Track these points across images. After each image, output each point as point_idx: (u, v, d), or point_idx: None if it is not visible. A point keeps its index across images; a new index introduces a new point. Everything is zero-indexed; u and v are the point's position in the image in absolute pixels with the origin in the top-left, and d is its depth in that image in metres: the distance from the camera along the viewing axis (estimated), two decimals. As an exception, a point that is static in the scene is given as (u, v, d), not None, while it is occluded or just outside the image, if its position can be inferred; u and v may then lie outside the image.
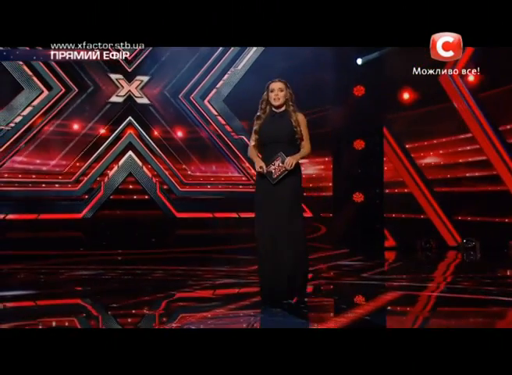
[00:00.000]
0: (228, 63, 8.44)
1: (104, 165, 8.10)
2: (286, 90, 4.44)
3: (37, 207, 7.67)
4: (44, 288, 5.33)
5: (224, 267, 6.67)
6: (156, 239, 8.07)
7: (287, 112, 4.44)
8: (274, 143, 4.37)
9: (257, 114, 4.51)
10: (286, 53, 8.10)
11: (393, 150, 8.65)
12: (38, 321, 3.93)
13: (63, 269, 6.45)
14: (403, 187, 8.75)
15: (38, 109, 7.72)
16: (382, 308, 4.28)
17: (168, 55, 8.17)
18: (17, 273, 6.22)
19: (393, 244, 8.57)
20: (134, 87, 8.14)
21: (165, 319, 4.24)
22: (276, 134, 4.38)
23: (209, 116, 8.45)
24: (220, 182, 8.59)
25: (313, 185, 8.92)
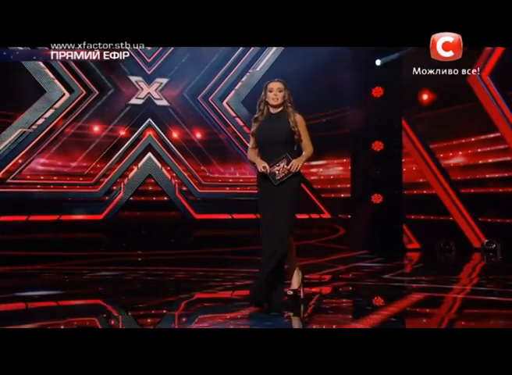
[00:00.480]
0: (246, 65, 8.46)
1: (124, 166, 8.15)
2: (284, 90, 4.38)
3: (59, 208, 7.74)
4: (69, 288, 5.40)
5: (244, 268, 6.65)
6: (175, 240, 8.11)
7: (285, 112, 4.37)
8: (271, 144, 4.32)
9: (255, 116, 4.45)
10: (304, 55, 8.12)
11: (417, 150, 8.64)
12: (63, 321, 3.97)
13: (86, 269, 6.54)
14: (423, 189, 8.73)
15: (60, 112, 7.79)
16: (408, 310, 4.26)
17: (188, 57, 8.21)
18: (41, 274, 6.29)
19: (415, 246, 8.55)
20: (154, 89, 8.18)
21: (184, 320, 4.26)
22: (274, 136, 4.32)
23: (228, 118, 8.49)
24: (238, 183, 8.62)
25: (331, 186, 8.92)
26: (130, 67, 8.08)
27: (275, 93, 4.34)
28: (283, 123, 4.33)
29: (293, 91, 8.00)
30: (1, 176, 7.52)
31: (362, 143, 8.64)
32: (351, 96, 8.54)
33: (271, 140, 4.32)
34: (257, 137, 4.38)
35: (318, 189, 8.88)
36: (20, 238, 7.51)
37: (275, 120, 4.35)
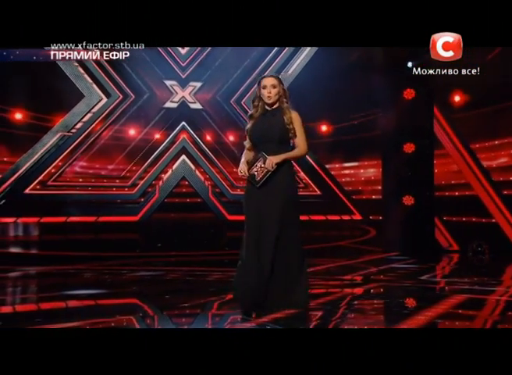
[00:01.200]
0: (278, 68, 8.59)
1: (159, 169, 8.37)
2: (279, 86, 4.19)
3: (97, 210, 7.99)
4: (111, 288, 5.57)
5: None
6: (208, 241, 8.29)
7: (280, 109, 4.19)
8: (265, 142, 4.16)
9: (250, 113, 4.30)
10: (336, 57, 8.24)
11: (458, 151, 8.64)
12: (103, 320, 4.09)
13: (125, 269, 6.73)
14: (464, 190, 8.72)
15: (98, 115, 8.06)
16: (451, 311, 4.26)
17: (220, 61, 8.40)
18: (82, 273, 6.51)
19: (453, 248, 8.56)
20: (188, 93, 8.39)
21: (217, 320, 4.36)
22: (267, 133, 4.16)
23: None
24: None
25: (362, 188, 9.03)
26: (165, 71, 8.29)
27: (269, 90, 4.14)
28: (278, 121, 4.17)
29: (324, 94, 8.26)
30: (43, 179, 7.80)
31: (393, 145, 8.68)
32: (383, 98, 8.59)
33: (264, 137, 4.17)
34: (251, 134, 4.23)
35: (350, 191, 8.99)
36: (60, 239, 7.79)
37: (269, 117, 4.20)
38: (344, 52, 8.30)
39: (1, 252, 7.57)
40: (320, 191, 8.89)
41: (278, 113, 4.18)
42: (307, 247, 8.07)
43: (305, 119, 8.65)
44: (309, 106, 8.32)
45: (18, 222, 7.73)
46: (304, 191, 8.81)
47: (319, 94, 8.24)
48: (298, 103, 8.27)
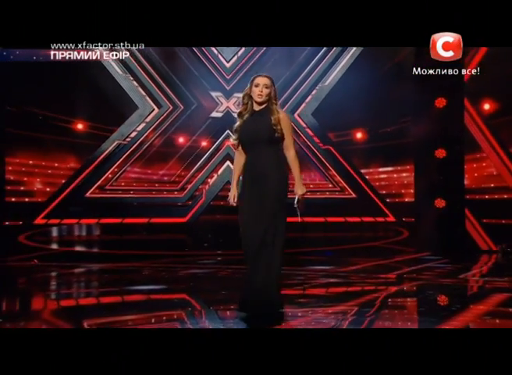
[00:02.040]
0: (316, 79, 8.99)
1: (206, 174, 8.86)
2: (271, 87, 4.11)
3: (149, 212, 8.54)
4: (169, 283, 5.99)
5: (321, 267, 7.13)
6: None
7: (269, 109, 4.09)
8: (254, 143, 4.09)
9: (239, 110, 4.21)
10: (370, 68, 8.62)
11: (497, 155, 8.84)
12: (156, 314, 4.39)
13: (178, 267, 7.23)
14: (503, 193, 8.89)
15: (150, 125, 8.61)
16: (497, 309, 4.37)
17: (262, 74, 8.88)
18: (141, 271, 6.96)
19: (488, 249, 8.76)
20: (232, 104, 8.85)
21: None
22: (256, 134, 4.07)
23: (299, 129, 9.03)
24: (309, 189, 9.16)
25: (395, 191, 9.32)
26: (211, 83, 8.78)
27: (261, 89, 4.07)
28: (265, 121, 4.07)
29: (359, 103, 8.68)
30: (101, 184, 8.41)
31: (425, 150, 8.95)
32: (415, 107, 8.90)
33: (253, 138, 4.09)
34: (239, 135, 4.15)
35: (383, 194, 9.29)
36: (116, 238, 8.40)
37: (257, 118, 4.11)
38: (379, 62, 8.67)
39: (66, 251, 8.24)
40: (355, 195, 9.19)
41: (266, 114, 4.10)
42: (343, 247, 8.56)
43: (342, 127, 9.10)
44: (346, 114, 8.86)
45: (80, 223, 8.41)
46: (340, 194, 9.16)
47: (355, 103, 8.58)
48: (336, 111, 8.78)
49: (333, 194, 9.10)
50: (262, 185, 4.05)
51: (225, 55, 8.83)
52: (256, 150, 4.09)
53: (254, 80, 4.12)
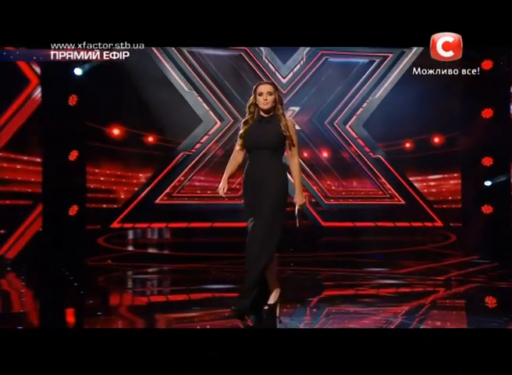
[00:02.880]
0: (367, 93, 9.42)
1: None
2: (274, 93, 4.07)
3: (212, 217, 9.11)
4: (232, 283, 6.38)
5: (375, 269, 7.49)
6: (306, 244, 9.00)
7: (276, 116, 4.08)
8: (259, 149, 4.06)
9: (245, 119, 4.19)
10: (418, 81, 8.73)
11: None
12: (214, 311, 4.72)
13: (240, 268, 7.71)
14: None
15: (213, 137, 9.18)
16: None
17: (316, 88, 9.29)
18: (207, 271, 7.46)
19: None
20: (288, 116, 9.39)
21: (315, 310, 4.95)
22: (262, 140, 4.03)
23: (350, 139, 9.50)
24: (359, 196, 9.60)
25: (443, 198, 9.63)
26: None
27: (265, 97, 4.05)
28: (274, 128, 4.05)
29: (408, 115, 9.11)
30: (169, 191, 9.04)
31: (473, 159, 9.19)
32: (462, 118, 9.19)
33: (259, 144, 4.05)
34: (245, 140, 4.12)
35: (431, 200, 9.63)
36: (183, 241, 9.05)
37: (265, 125, 4.07)
38: (426, 78, 9.04)
39: (139, 252, 8.94)
40: (404, 201, 9.57)
41: (273, 120, 4.10)
42: (393, 250, 8.90)
43: (391, 137, 9.52)
44: (395, 125, 9.20)
45: (151, 227, 9.11)
46: (389, 200, 9.55)
47: (404, 115, 8.98)
48: (385, 122, 9.18)
49: (383, 201, 9.51)
50: (263, 187, 4.07)
51: (281, 72, 9.33)
52: (260, 155, 4.06)
53: (257, 89, 4.11)
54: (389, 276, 6.88)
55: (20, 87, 7.84)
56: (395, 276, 6.80)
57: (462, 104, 9.16)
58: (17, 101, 7.85)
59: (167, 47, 8.65)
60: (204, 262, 8.15)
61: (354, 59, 9.32)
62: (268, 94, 4.06)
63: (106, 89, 8.12)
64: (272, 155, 4.07)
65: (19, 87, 7.84)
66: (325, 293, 5.98)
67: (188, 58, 9.02)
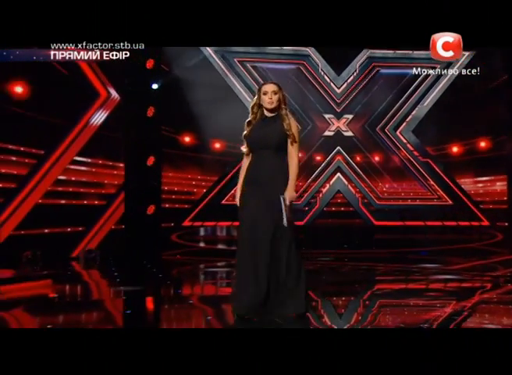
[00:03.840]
0: (416, 101, 9.99)
1: (319, 184, 10.02)
2: (279, 93, 4.03)
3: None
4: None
5: (431, 265, 7.75)
6: (359, 242, 9.73)
7: (280, 115, 4.03)
8: (262, 149, 4.00)
9: (248, 119, 4.12)
10: (465, 90, 9.43)
11: None
12: None
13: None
14: None
15: None
16: None
17: (367, 99, 9.89)
18: None
19: None
20: (342, 124, 9.99)
21: (368, 303, 5.12)
22: (265, 140, 3.99)
23: (400, 144, 10.09)
24: (409, 197, 10.14)
25: (490, 199, 10.08)
26: (324, 107, 9.93)
27: (270, 96, 4.01)
28: (277, 127, 4.00)
29: (455, 121, 9.66)
30: (234, 193, 9.56)
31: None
32: (509, 122, 9.60)
33: (262, 144, 4.00)
34: (248, 140, 4.06)
35: (478, 201, 10.09)
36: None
37: (268, 124, 4.03)
38: (474, 85, 9.45)
39: (209, 248, 9.73)
40: (452, 202, 10.05)
41: (277, 120, 4.04)
42: (441, 247, 9.40)
43: (439, 142, 10.07)
44: (443, 131, 9.74)
45: (218, 225, 9.89)
46: (437, 201, 10.04)
47: (451, 121, 9.51)
48: (433, 128, 9.73)
49: (432, 201, 10.04)
50: (264, 187, 3.98)
51: (336, 82, 10.01)
52: (262, 154, 4.02)
53: (262, 89, 4.08)
54: (442, 271, 7.09)
55: (92, 100, 8.66)
56: (449, 272, 7.02)
57: (509, 109, 9.54)
58: (89, 113, 8.66)
59: (227, 57, 9.37)
60: None
61: (404, 70, 9.87)
62: (273, 93, 4.03)
63: (179, 101, 8.93)
64: (275, 154, 4.02)
65: (90, 99, 8.65)
66: (378, 286, 6.28)
67: (251, 71, 9.81)
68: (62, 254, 8.44)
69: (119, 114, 8.83)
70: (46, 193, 8.42)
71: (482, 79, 9.32)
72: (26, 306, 5.08)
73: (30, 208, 8.23)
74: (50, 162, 8.50)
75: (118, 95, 8.81)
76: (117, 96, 8.80)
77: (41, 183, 8.42)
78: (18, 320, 4.75)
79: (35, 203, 8.31)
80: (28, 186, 8.31)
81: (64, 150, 8.61)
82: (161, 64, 9.11)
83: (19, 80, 8.08)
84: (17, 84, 8.13)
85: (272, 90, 4.03)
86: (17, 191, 8.22)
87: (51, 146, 8.47)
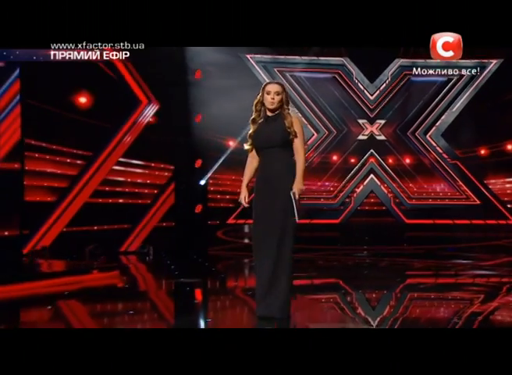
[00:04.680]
0: (445, 107, 10.50)
1: (354, 184, 10.60)
2: (282, 93, 4.04)
3: (311, 214, 10.20)
4: (323, 271, 7.33)
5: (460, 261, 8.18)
6: (391, 239, 10.12)
7: (281, 114, 4.04)
8: (268, 148, 4.03)
9: (252, 117, 4.12)
10: (492, 97, 9.91)
11: None
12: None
13: (332, 258, 8.79)
14: None
15: (311, 147, 10.45)
16: None
17: (398, 105, 10.42)
18: (316, 260, 8.49)
19: None
20: (375, 128, 10.56)
21: (399, 295, 5.43)
22: (269, 139, 4.00)
23: (430, 147, 10.62)
24: (438, 196, 10.66)
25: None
26: (358, 113, 10.52)
27: (273, 96, 4.01)
28: (279, 126, 4.01)
29: (483, 125, 10.18)
30: None
31: None
32: None
33: (267, 143, 4.02)
34: (253, 140, 4.09)
35: (505, 201, 10.53)
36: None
37: (270, 123, 4.04)
38: (500, 92, 9.94)
39: (249, 244, 10.31)
40: (479, 201, 10.54)
41: (279, 118, 4.04)
42: (468, 245, 9.90)
43: (467, 145, 10.55)
44: (470, 135, 10.21)
45: None
46: (465, 201, 10.54)
47: (479, 125, 10.00)
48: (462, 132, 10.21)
49: (460, 201, 10.55)
50: (275, 185, 3.98)
51: (369, 90, 10.59)
52: (269, 153, 4.04)
53: (266, 88, 4.08)
54: (480, 267, 7.43)
55: (133, 107, 9.37)
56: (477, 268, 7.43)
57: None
58: (131, 118, 9.34)
59: (266, 66, 9.96)
60: (307, 252, 9.23)
61: (433, 78, 10.40)
62: (276, 93, 4.04)
63: (225, 108, 9.50)
64: (281, 152, 4.03)
65: (132, 106, 9.37)
66: (409, 281, 6.63)
67: (289, 79, 10.45)
68: (113, 249, 9.16)
69: (167, 119, 9.50)
70: (95, 192, 9.22)
71: (508, 85, 9.77)
72: (104, 294, 5.69)
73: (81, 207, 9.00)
74: (98, 163, 9.25)
75: (159, 102, 9.47)
76: (159, 103, 9.47)
77: (89, 182, 9.20)
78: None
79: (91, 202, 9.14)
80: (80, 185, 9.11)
81: (110, 152, 9.32)
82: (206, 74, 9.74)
83: (79, 89, 8.87)
84: (79, 93, 8.97)
85: (275, 90, 4.05)
86: (68, 191, 8.99)
87: (99, 148, 9.21)
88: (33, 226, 8.78)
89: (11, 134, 8.42)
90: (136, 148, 9.45)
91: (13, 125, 8.42)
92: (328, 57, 10.34)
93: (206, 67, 9.73)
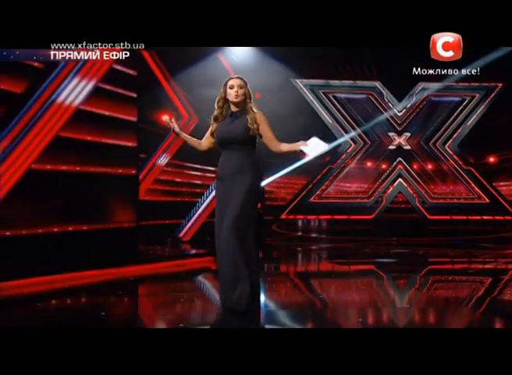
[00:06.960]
0: (461, 121, 11.88)
1: (385, 186, 11.77)
2: (245, 87, 3.96)
3: (347, 211, 11.75)
4: (362, 258, 8.39)
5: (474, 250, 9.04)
6: (415, 231, 11.26)
7: (245, 110, 3.94)
8: (229, 144, 3.94)
9: (214, 114, 4.02)
10: (500, 112, 11.19)
11: None
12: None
13: (366, 249, 9.84)
14: None
15: (349, 155, 11.81)
16: None
17: (421, 120, 11.76)
18: (349, 248, 9.80)
19: None
20: (402, 140, 11.77)
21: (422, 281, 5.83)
22: (231, 135, 3.91)
23: (448, 156, 11.90)
24: (455, 196, 11.89)
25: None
26: (388, 127, 11.88)
27: (236, 89, 3.91)
28: (242, 122, 3.90)
29: (493, 136, 11.74)
30: (319, 193, 11.76)
31: None
32: None
33: (228, 139, 3.92)
34: (216, 136, 3.98)
35: (511, 200, 11.68)
36: (328, 229, 11.72)
37: (234, 119, 3.94)
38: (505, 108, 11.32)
39: (300, 236, 11.73)
40: (489, 200, 11.83)
41: (242, 114, 3.94)
42: (478, 237, 11.28)
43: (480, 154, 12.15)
44: (483, 145, 11.57)
45: (306, 218, 11.90)
46: (477, 200, 11.78)
47: (490, 137, 11.35)
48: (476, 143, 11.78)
49: (473, 200, 11.88)
50: (236, 180, 3.88)
51: (397, 108, 11.99)
52: (231, 149, 3.93)
53: (228, 83, 3.98)
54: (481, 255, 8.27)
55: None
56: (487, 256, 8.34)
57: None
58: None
59: (310, 87, 11.21)
60: (346, 243, 10.70)
61: (450, 98, 11.90)
62: (239, 87, 3.95)
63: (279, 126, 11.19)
64: (241, 149, 3.94)
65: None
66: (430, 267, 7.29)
67: (332, 99, 11.95)
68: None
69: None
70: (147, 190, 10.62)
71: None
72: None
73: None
74: (150, 163, 10.68)
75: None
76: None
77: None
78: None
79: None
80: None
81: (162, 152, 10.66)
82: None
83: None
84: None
85: (238, 84, 3.97)
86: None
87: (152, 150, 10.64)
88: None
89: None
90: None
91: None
92: (364, 81, 11.92)
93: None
